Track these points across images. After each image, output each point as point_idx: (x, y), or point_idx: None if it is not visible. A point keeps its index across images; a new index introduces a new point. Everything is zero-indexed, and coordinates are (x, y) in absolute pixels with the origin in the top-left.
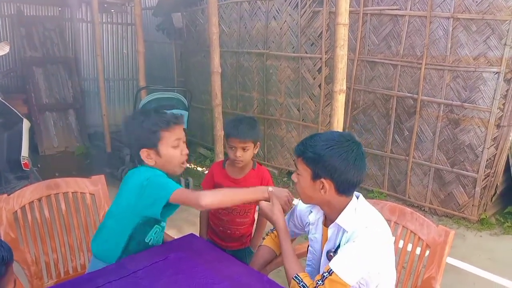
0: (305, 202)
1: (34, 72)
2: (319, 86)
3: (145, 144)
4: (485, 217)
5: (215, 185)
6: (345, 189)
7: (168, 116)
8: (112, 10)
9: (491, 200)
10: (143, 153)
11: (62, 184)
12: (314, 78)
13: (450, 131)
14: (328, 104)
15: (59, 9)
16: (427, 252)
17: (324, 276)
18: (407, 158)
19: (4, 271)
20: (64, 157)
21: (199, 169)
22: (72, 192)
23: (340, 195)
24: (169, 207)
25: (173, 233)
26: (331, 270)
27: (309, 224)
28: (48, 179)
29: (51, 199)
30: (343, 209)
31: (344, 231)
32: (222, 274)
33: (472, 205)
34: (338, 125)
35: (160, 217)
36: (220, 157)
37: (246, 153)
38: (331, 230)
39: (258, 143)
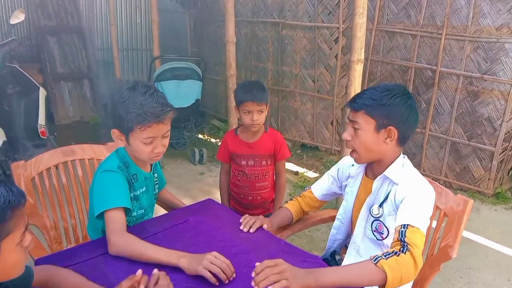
0: (363, 158)
1: (49, 41)
2: (336, 56)
3: (117, 125)
4: (500, 191)
5: (230, 154)
6: (406, 137)
7: (149, 111)
8: None
9: (508, 174)
10: (114, 133)
11: (78, 150)
12: (331, 49)
13: (468, 103)
14: (345, 75)
15: None
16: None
17: (401, 232)
18: (424, 131)
19: (10, 215)
20: (79, 126)
21: (213, 140)
22: (88, 159)
23: (398, 146)
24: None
25: (188, 202)
26: (406, 224)
27: (348, 177)
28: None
29: (68, 165)
30: (392, 163)
31: (392, 183)
32: (241, 236)
33: (488, 178)
34: None
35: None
36: (234, 127)
37: (261, 116)
38: (377, 182)
39: (268, 105)
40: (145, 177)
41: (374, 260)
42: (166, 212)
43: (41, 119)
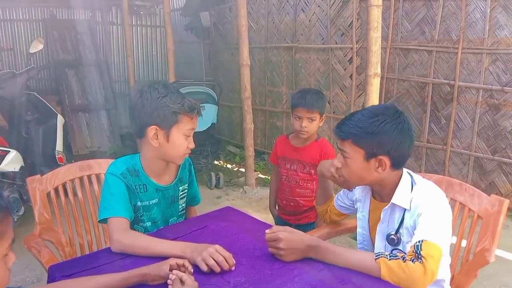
0: (354, 185)
1: (67, 74)
2: (350, 77)
3: (157, 122)
4: None
5: (278, 158)
6: (400, 162)
7: (192, 101)
8: (141, 12)
9: None
10: (151, 131)
11: (95, 165)
12: (345, 69)
13: (490, 117)
14: (360, 95)
15: (90, 14)
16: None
17: (416, 246)
18: (445, 147)
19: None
20: (97, 156)
21: (229, 166)
22: (104, 173)
23: (394, 170)
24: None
25: None
26: (421, 240)
27: (356, 201)
28: None
29: (84, 180)
30: (396, 186)
31: (402, 209)
32: (264, 240)
33: None
34: None
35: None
36: (250, 150)
37: (311, 124)
38: (385, 211)
39: (324, 116)
40: (157, 189)
41: (376, 256)
42: None
43: (59, 146)
